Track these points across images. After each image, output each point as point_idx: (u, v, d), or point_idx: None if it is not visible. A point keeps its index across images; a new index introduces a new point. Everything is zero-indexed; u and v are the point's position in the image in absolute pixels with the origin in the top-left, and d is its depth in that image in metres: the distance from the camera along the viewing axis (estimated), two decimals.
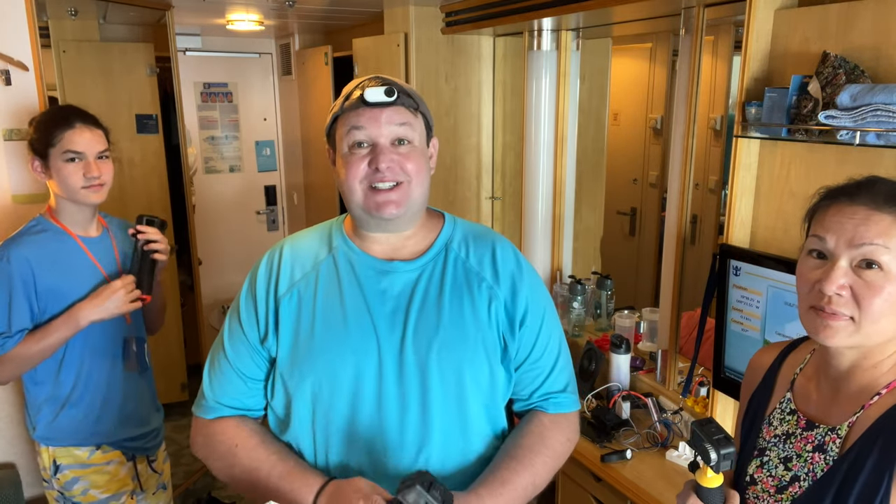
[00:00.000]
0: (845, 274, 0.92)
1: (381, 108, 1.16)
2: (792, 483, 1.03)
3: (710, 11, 2.01)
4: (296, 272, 1.25)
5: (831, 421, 1.01)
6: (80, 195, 1.78)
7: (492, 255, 1.26)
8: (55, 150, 1.75)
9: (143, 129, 3.66)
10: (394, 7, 3.05)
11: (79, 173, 1.76)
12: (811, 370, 1.08)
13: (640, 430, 2.12)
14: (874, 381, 0.98)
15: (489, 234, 1.32)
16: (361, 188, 1.18)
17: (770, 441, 1.08)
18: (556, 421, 1.29)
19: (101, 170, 1.80)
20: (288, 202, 5.06)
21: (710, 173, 2.89)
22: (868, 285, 0.91)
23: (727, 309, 1.83)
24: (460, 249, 1.26)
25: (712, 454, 0.96)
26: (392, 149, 1.17)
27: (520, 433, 1.26)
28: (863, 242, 0.91)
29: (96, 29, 3.59)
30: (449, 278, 1.23)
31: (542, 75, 2.70)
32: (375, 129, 1.16)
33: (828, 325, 0.94)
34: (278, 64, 4.87)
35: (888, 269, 0.91)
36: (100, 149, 1.80)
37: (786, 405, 1.09)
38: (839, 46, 1.52)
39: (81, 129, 1.77)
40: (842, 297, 0.93)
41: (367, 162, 1.17)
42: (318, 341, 1.20)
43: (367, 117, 1.16)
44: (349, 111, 1.18)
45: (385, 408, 1.18)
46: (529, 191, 2.84)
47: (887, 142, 1.38)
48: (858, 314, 0.92)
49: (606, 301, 2.67)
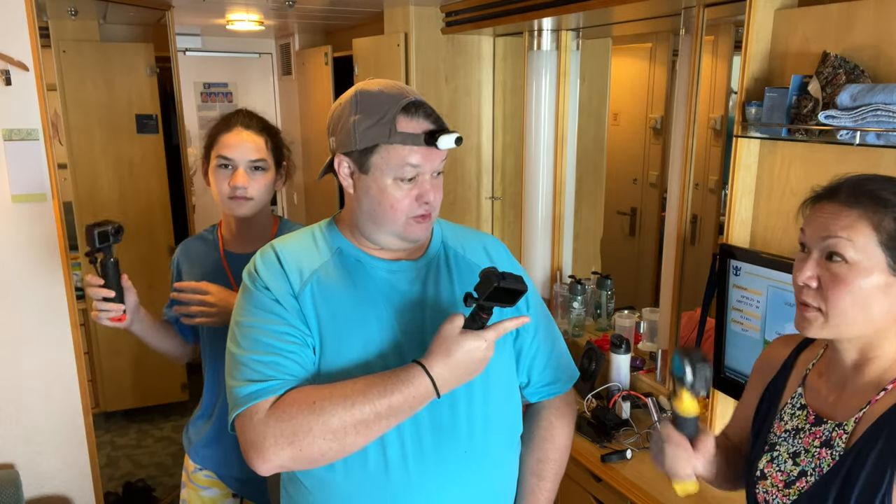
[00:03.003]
0: (816, 265, 0.98)
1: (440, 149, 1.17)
2: (799, 478, 1.04)
3: (710, 11, 2.01)
4: (304, 270, 1.20)
5: (838, 416, 1.03)
6: (226, 205, 1.63)
7: (485, 250, 1.33)
8: (213, 152, 1.62)
9: (143, 129, 3.66)
10: (394, 7, 3.05)
11: (226, 181, 1.60)
12: (822, 366, 1.10)
13: (640, 430, 2.12)
14: (881, 377, 1.00)
15: (474, 231, 1.40)
16: (405, 218, 1.18)
17: (780, 436, 1.10)
18: (560, 413, 1.37)
19: (250, 182, 1.60)
20: (288, 202, 5.06)
21: (710, 173, 2.89)
22: (833, 277, 0.96)
23: (727, 309, 1.83)
24: (456, 246, 1.31)
25: (688, 370, 1.03)
26: (433, 181, 1.20)
27: (534, 443, 1.35)
28: (828, 235, 0.96)
29: (96, 29, 3.59)
30: (455, 272, 1.27)
31: (542, 75, 2.70)
32: (430, 164, 1.18)
33: (803, 317, 1.00)
34: (278, 64, 4.87)
35: (853, 262, 0.94)
36: (252, 157, 1.60)
37: (797, 400, 1.11)
38: (839, 46, 1.52)
39: (238, 132, 1.60)
40: (810, 289, 0.98)
41: (414, 196, 1.18)
42: (343, 333, 1.18)
43: (427, 157, 1.16)
44: (408, 144, 1.14)
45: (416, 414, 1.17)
46: (529, 191, 2.84)
47: (887, 142, 1.38)
48: (825, 306, 0.96)
49: (606, 301, 2.67)
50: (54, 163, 2.30)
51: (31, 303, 2.35)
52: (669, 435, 1.10)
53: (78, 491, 2.55)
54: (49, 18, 3.39)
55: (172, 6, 3.22)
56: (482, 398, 1.22)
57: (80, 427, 2.50)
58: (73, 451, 2.51)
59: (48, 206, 2.31)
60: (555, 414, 1.37)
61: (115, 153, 3.66)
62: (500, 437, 1.27)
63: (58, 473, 2.50)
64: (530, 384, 1.36)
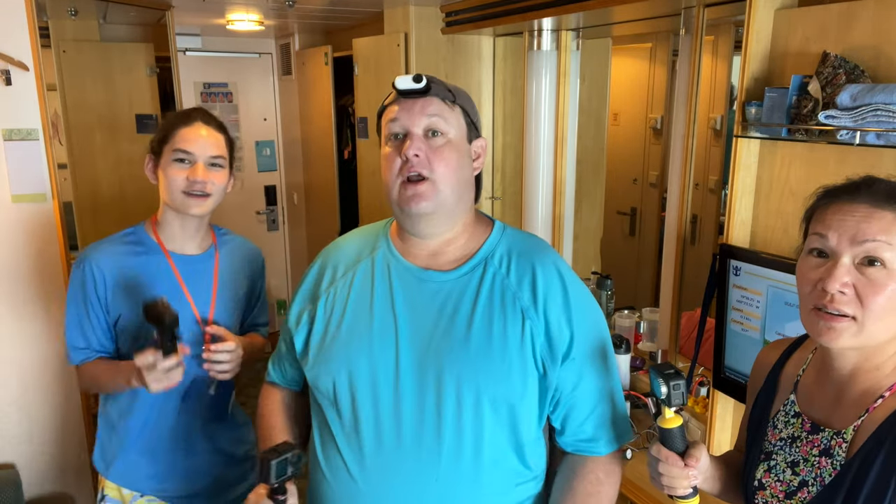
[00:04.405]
0: (848, 272, 0.91)
1: (416, 98, 1.16)
2: (801, 488, 1.02)
3: (710, 11, 2.01)
4: (338, 271, 1.26)
5: (836, 424, 1.00)
6: (179, 201, 1.55)
7: (532, 277, 1.18)
8: (167, 146, 1.54)
9: (143, 129, 3.66)
10: (394, 7, 3.05)
11: (183, 175, 1.53)
12: (813, 371, 1.08)
13: (640, 431, 2.12)
14: (877, 384, 0.97)
15: (537, 252, 1.23)
16: (397, 183, 1.16)
17: (776, 444, 1.08)
18: (609, 472, 1.23)
19: (209, 177, 1.54)
20: (288, 202, 5.06)
21: (710, 173, 2.88)
22: (871, 283, 0.90)
23: (727, 309, 1.82)
24: (500, 265, 1.20)
25: (662, 388, 1.02)
26: (423, 140, 1.15)
27: (579, 499, 1.19)
28: (865, 239, 0.90)
29: (96, 29, 3.59)
30: (484, 295, 1.17)
31: (542, 75, 2.70)
32: (408, 119, 1.15)
33: (831, 328, 0.93)
34: (278, 64, 4.87)
35: (891, 266, 0.90)
36: (213, 153, 1.55)
37: (790, 407, 1.08)
38: (839, 46, 1.52)
39: (198, 127, 1.54)
40: (845, 296, 0.91)
41: (401, 154, 1.15)
42: (338, 344, 1.20)
43: (402, 108, 1.16)
44: (388, 105, 1.19)
45: (403, 423, 1.15)
46: (529, 191, 2.84)
47: (887, 142, 1.38)
48: (861, 313, 0.91)
49: (606, 301, 2.67)
50: (54, 163, 2.30)
51: (30, 303, 2.36)
52: (659, 452, 1.06)
53: (78, 491, 2.55)
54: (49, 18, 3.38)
55: (172, 6, 3.22)
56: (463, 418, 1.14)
57: (80, 427, 2.50)
58: (73, 451, 2.51)
59: (48, 206, 2.31)
60: (604, 471, 1.23)
61: (115, 153, 3.66)
62: (485, 461, 1.17)
63: (58, 473, 2.50)
64: (565, 433, 1.24)
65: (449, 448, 1.14)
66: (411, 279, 1.20)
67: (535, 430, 1.22)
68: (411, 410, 1.15)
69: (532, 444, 1.22)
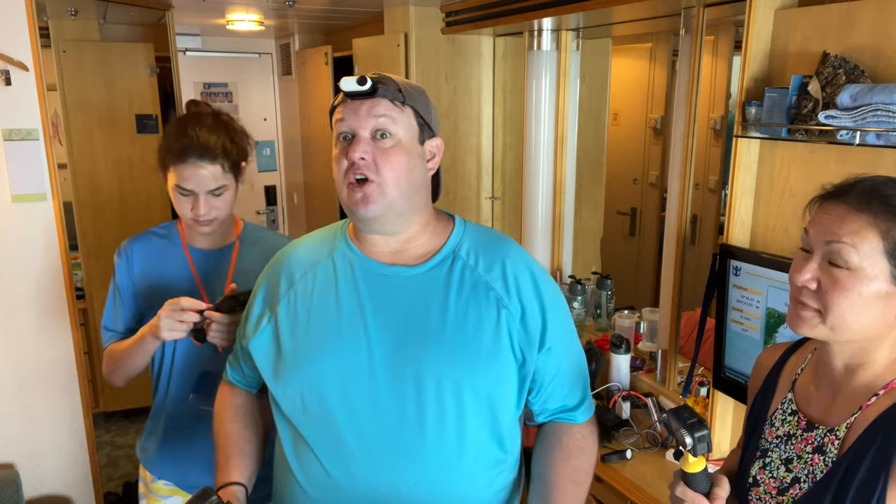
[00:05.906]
0: (817, 268, 0.96)
1: (363, 99, 1.14)
2: (793, 485, 1.03)
3: (710, 11, 2.01)
4: (295, 275, 1.23)
5: (830, 422, 1.01)
6: (188, 224, 1.64)
7: (502, 268, 1.19)
8: (169, 175, 1.61)
9: (143, 129, 3.67)
10: (394, 7, 3.05)
11: (188, 206, 1.60)
12: (811, 371, 1.09)
13: (640, 430, 2.12)
14: (872, 382, 0.98)
15: (501, 243, 1.24)
16: (345, 183, 1.15)
17: (772, 442, 1.09)
18: (590, 431, 1.29)
19: (212, 206, 1.60)
20: (288, 202, 5.06)
21: (710, 173, 2.89)
22: (833, 282, 0.94)
23: (727, 309, 1.83)
24: (468, 257, 1.20)
25: (687, 439, 0.99)
26: (370, 142, 1.13)
27: (571, 452, 1.24)
28: (832, 240, 0.94)
29: (96, 29, 3.59)
30: (454, 286, 1.17)
31: (542, 75, 2.70)
32: (355, 121, 1.13)
33: (796, 314, 0.98)
34: (278, 64, 4.87)
35: (857, 269, 0.92)
36: (211, 187, 1.59)
37: (787, 406, 1.09)
38: (839, 46, 1.52)
39: (194, 168, 1.57)
40: (809, 290, 0.96)
41: (346, 156, 1.14)
42: (301, 356, 1.17)
43: (349, 109, 1.14)
44: (337, 105, 1.17)
45: (383, 421, 1.14)
46: (529, 191, 2.84)
47: (887, 142, 1.38)
48: (823, 309, 0.95)
49: (606, 301, 2.67)
50: (54, 163, 2.30)
51: (30, 303, 2.36)
52: (685, 494, 1.04)
53: (78, 491, 2.55)
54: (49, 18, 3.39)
55: (172, 6, 3.22)
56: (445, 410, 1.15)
57: (80, 427, 2.50)
58: (73, 451, 2.51)
59: (48, 206, 2.31)
60: (587, 429, 1.29)
61: (115, 153, 3.66)
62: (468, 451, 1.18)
63: (58, 473, 2.50)
64: (544, 413, 1.28)
65: (433, 442, 1.15)
66: (377, 276, 1.19)
67: (514, 417, 1.24)
68: (391, 407, 1.14)
69: (510, 431, 1.24)
